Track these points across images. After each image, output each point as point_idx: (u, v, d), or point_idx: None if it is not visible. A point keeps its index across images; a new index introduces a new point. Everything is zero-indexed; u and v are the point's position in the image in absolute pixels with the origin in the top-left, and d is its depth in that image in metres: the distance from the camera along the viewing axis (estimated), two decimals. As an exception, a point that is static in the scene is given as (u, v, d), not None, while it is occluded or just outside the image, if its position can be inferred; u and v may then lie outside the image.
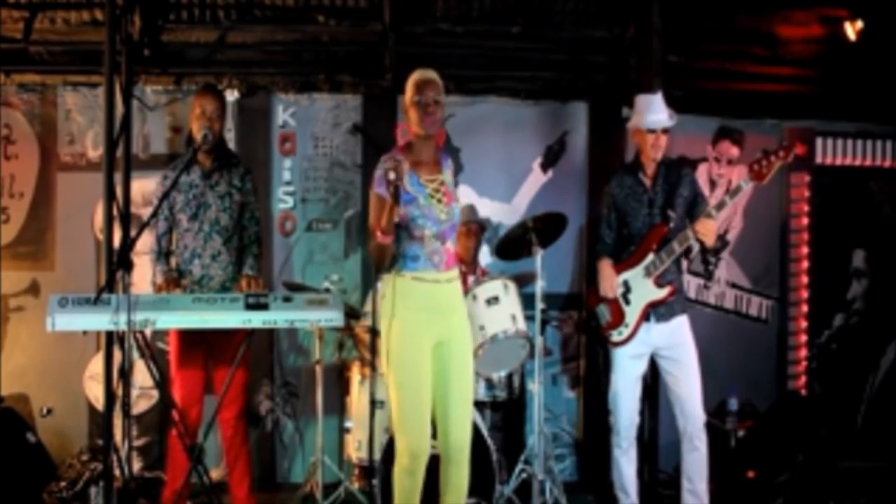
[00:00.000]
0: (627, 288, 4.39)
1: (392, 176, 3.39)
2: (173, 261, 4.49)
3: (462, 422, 3.64)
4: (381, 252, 3.52)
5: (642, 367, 4.43)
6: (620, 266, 4.42)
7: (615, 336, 4.40)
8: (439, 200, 3.59)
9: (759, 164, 4.14)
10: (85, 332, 4.21)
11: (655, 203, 4.36)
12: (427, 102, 3.54)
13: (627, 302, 4.38)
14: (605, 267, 4.44)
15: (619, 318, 4.39)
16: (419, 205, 3.56)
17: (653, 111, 4.32)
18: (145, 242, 4.49)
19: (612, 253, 4.48)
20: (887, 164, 5.93)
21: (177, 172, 4.27)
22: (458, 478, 3.65)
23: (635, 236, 4.40)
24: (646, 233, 4.37)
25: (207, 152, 4.41)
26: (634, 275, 4.37)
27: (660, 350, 4.38)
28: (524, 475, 4.66)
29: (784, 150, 4.11)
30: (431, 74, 3.62)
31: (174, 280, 4.37)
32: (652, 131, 4.31)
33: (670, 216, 4.33)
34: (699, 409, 4.34)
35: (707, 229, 4.16)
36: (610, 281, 4.40)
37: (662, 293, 4.31)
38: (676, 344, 4.35)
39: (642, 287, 4.34)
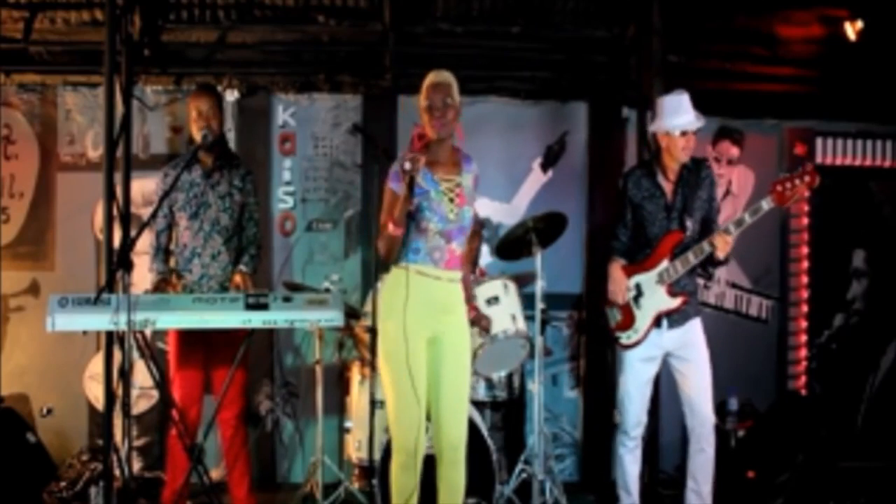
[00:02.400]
0: (639, 291, 4.30)
1: (408, 166, 3.43)
2: (172, 260, 4.50)
3: (455, 421, 3.63)
4: (391, 244, 3.56)
5: (654, 369, 4.36)
6: (634, 267, 4.34)
7: (623, 339, 4.33)
8: (451, 200, 3.61)
9: (782, 186, 4.06)
10: (85, 332, 4.22)
11: (674, 208, 4.27)
12: (435, 106, 3.57)
13: (639, 306, 4.30)
14: (616, 270, 4.35)
15: (629, 321, 4.32)
16: (429, 198, 3.58)
17: (682, 113, 4.22)
18: (145, 242, 4.49)
19: (627, 252, 4.39)
20: (887, 164, 5.93)
21: (178, 171, 4.26)
22: (452, 477, 3.63)
23: (652, 240, 4.30)
24: (662, 238, 4.28)
25: (208, 151, 4.41)
26: (647, 279, 4.28)
27: (672, 351, 4.32)
28: (524, 475, 4.66)
29: (810, 176, 4.03)
30: (442, 77, 3.62)
31: (167, 282, 4.38)
32: (683, 133, 4.20)
33: (687, 225, 4.24)
34: (709, 410, 4.27)
35: (723, 243, 4.12)
36: (620, 285, 4.31)
37: (675, 303, 4.24)
38: (688, 344, 4.29)
39: (654, 294, 4.26)
